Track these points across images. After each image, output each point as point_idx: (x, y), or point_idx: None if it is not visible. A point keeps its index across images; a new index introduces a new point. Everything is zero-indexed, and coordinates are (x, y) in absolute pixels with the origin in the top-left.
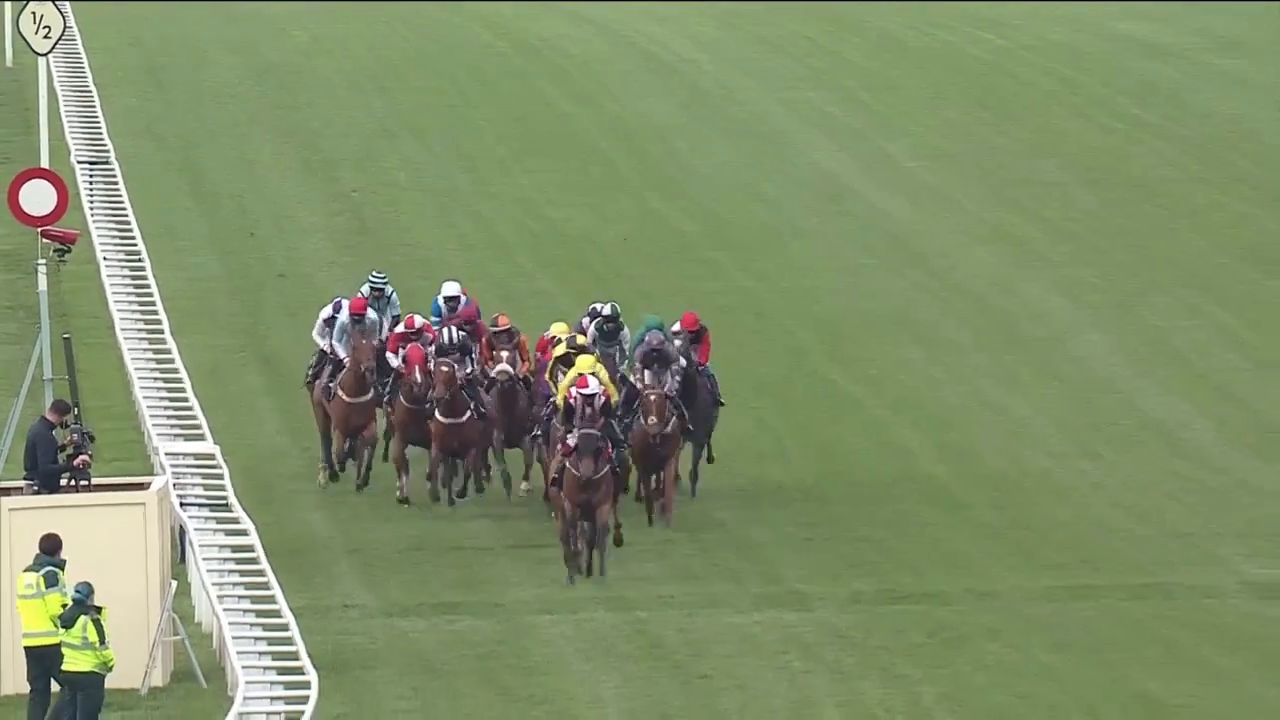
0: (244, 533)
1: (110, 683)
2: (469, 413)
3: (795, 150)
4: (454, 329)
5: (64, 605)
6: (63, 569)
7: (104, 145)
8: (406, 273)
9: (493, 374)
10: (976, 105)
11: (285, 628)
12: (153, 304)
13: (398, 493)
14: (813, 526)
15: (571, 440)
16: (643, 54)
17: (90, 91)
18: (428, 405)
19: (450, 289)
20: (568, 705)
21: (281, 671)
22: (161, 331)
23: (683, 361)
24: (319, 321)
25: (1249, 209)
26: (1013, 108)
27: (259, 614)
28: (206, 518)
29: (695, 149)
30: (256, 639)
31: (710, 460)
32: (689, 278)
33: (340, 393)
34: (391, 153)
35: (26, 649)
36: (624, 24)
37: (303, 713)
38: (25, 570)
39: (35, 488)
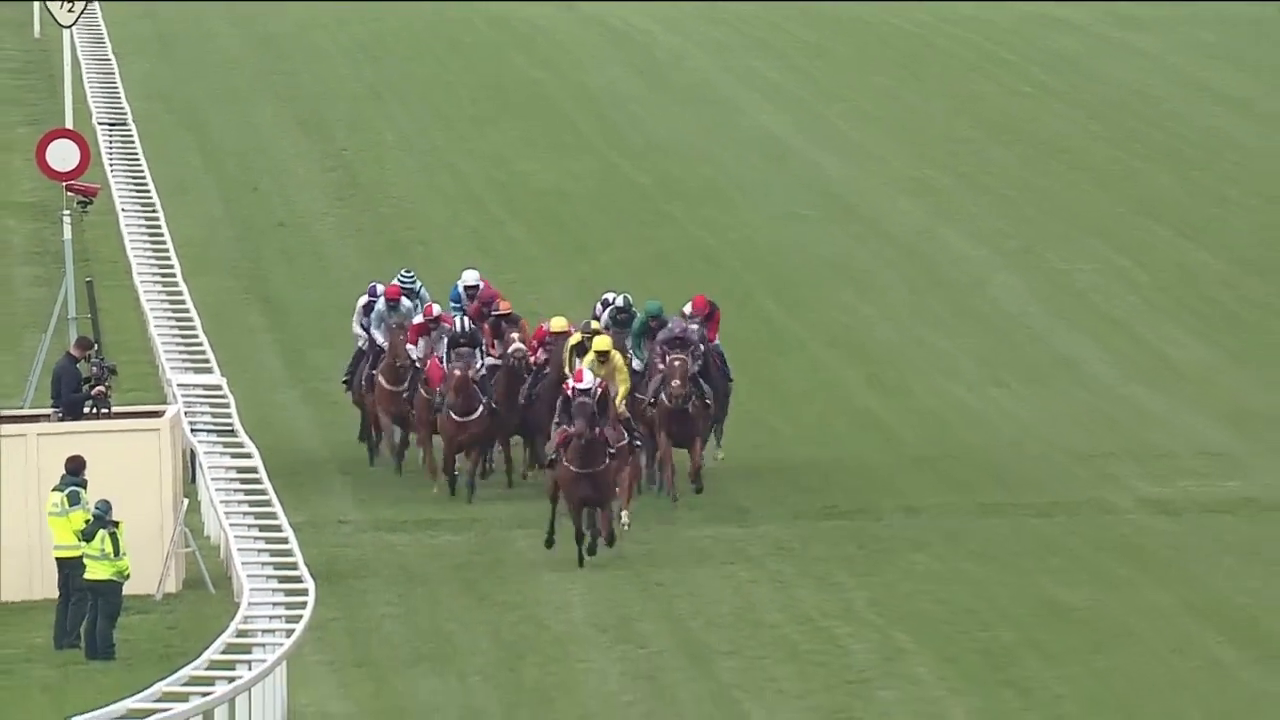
0: (248, 455)
1: (128, 589)
2: (480, 409)
3: (741, 113)
4: (466, 319)
5: (86, 521)
6: (85, 488)
7: (122, 108)
8: (393, 223)
9: (508, 351)
10: (903, 72)
11: (285, 541)
12: (166, 250)
13: (435, 490)
14: (758, 451)
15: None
16: (604, 27)
17: (109, 60)
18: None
19: (470, 277)
20: (537, 610)
21: (282, 580)
22: (174, 275)
23: (702, 346)
24: (356, 310)
25: (1143, 165)
26: (934, 75)
27: (262, 528)
28: (214, 442)
29: (651, 113)
30: (259, 550)
31: (719, 445)
32: (645, 225)
33: (381, 380)
34: (379, 115)
35: (56, 560)
36: (588, 1)
37: (301, 616)
38: (53, 490)
39: (60, 416)
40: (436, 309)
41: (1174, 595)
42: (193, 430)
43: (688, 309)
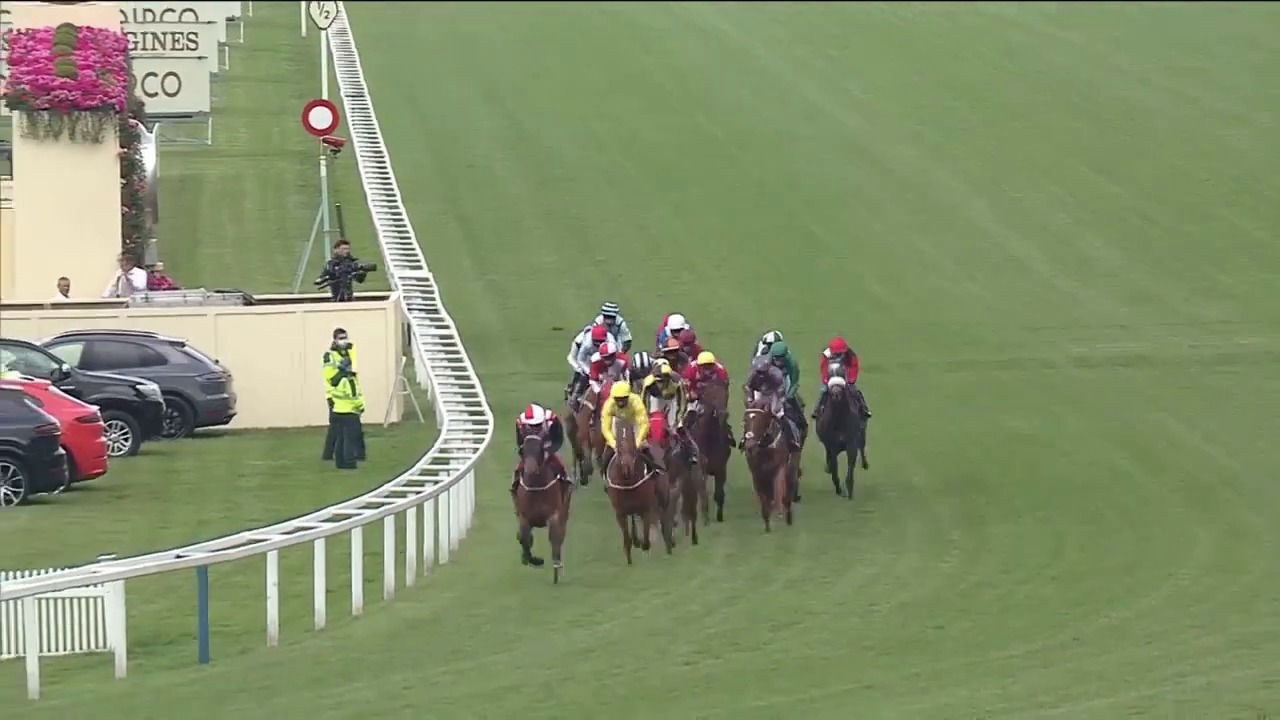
0: (447, 327)
1: (364, 420)
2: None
3: (787, 86)
4: (644, 354)
5: (336, 372)
6: (344, 351)
7: (360, 85)
8: (546, 165)
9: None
10: (904, 55)
11: (472, 386)
12: (390, 184)
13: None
14: (797, 322)
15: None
16: (690, 25)
17: (352, 51)
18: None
19: (675, 321)
20: None
21: (470, 413)
22: (396, 201)
23: (787, 383)
24: (573, 346)
25: (1074, 123)
26: (926, 58)
27: (456, 377)
28: (423, 318)
29: (722, 85)
30: (454, 393)
31: (865, 466)
32: (719, 165)
33: (589, 406)
34: (537, 88)
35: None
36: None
37: (483, 440)
38: (324, 354)
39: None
40: (611, 347)
41: (1092, 424)
42: (409, 309)
43: (828, 352)
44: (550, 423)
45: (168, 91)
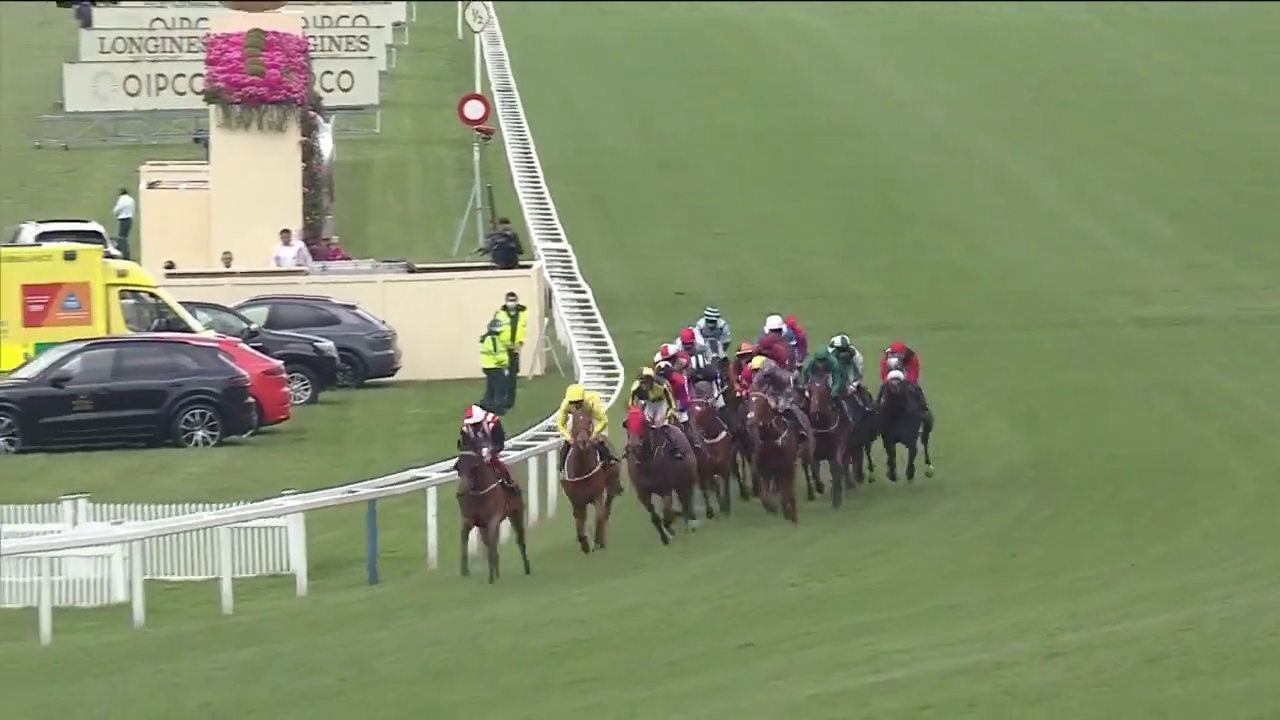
0: (583, 292)
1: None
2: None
3: (873, 81)
4: (702, 359)
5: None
6: (512, 312)
7: (508, 80)
8: (665, 151)
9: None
10: (982, 54)
11: (605, 343)
12: (533, 166)
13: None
14: (897, 285)
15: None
16: (786, 25)
17: (501, 50)
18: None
19: (773, 322)
20: None
21: (603, 366)
22: (539, 181)
23: (793, 385)
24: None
25: (1129, 118)
26: (1005, 58)
27: (591, 336)
28: (563, 284)
29: (814, 81)
30: (590, 349)
31: (927, 463)
32: (813, 153)
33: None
34: (653, 83)
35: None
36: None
37: (614, 389)
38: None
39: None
40: (672, 348)
41: (1147, 378)
42: (550, 276)
43: (890, 350)
44: (491, 425)
45: (342, 87)
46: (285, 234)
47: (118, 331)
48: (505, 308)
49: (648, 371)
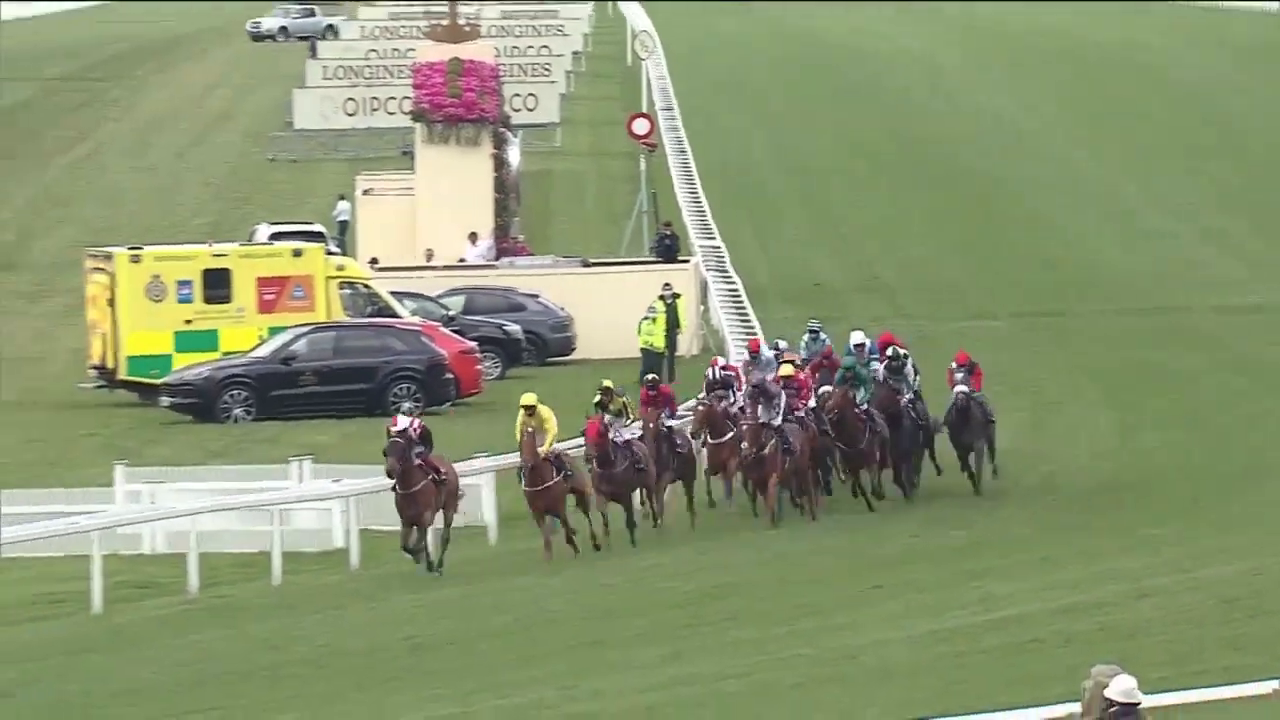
0: (733, 282)
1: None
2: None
3: (973, 97)
4: (718, 369)
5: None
6: (668, 300)
7: (670, 101)
8: (797, 160)
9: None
10: (1072, 72)
11: (752, 328)
12: (691, 174)
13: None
14: (980, 291)
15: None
16: (889, 43)
17: (664, 76)
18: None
19: (856, 337)
20: None
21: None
22: (696, 188)
23: (783, 398)
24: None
25: (1196, 125)
26: (1084, 73)
27: (740, 321)
28: (716, 276)
29: (929, 99)
30: (740, 333)
31: (994, 474)
32: (929, 164)
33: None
34: (773, 93)
35: None
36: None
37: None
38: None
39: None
40: (721, 360)
41: (1220, 358)
42: (705, 269)
43: (954, 364)
44: (418, 430)
45: (528, 107)
46: (472, 236)
47: (337, 317)
48: (661, 297)
49: (606, 384)
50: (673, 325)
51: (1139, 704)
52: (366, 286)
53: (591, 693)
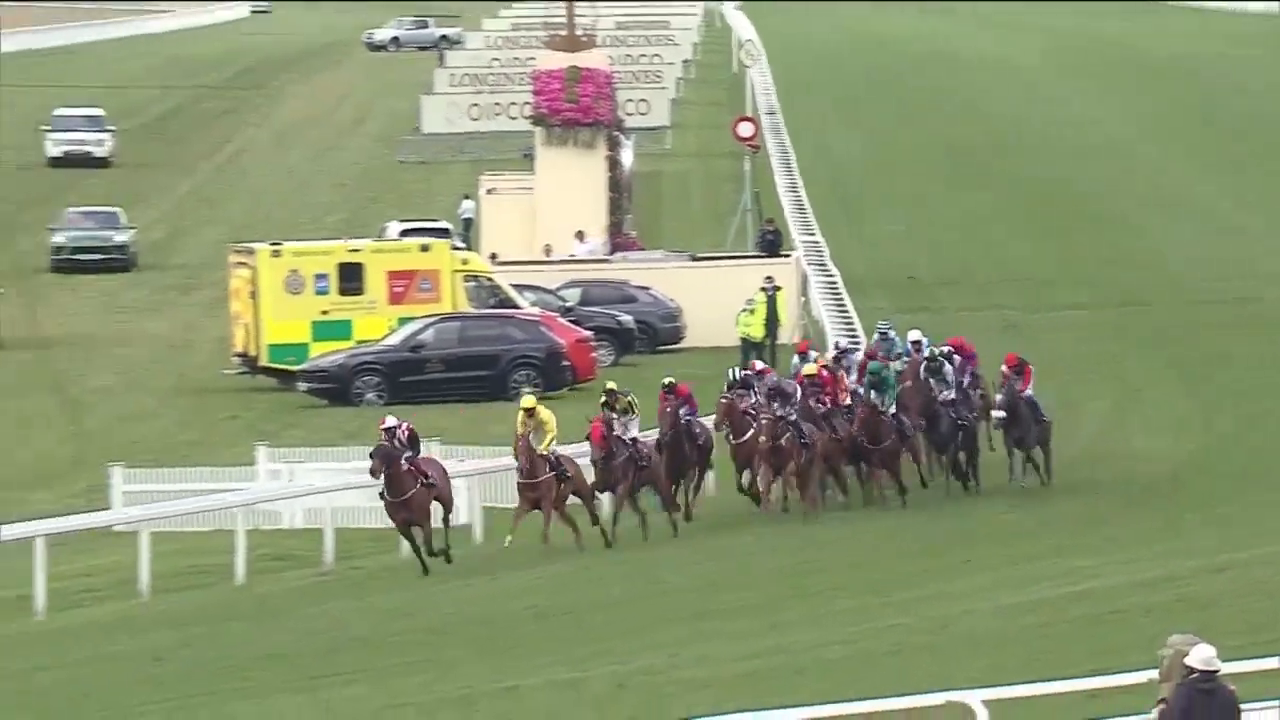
0: (833, 275)
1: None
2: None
3: (1047, 97)
4: (737, 370)
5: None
6: (769, 293)
7: (774, 105)
8: (885, 155)
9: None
10: (1152, 81)
11: (850, 318)
12: (793, 173)
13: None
14: (1065, 284)
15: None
16: (961, 42)
17: (769, 83)
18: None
19: (913, 335)
20: None
21: (848, 338)
22: (797, 187)
23: (799, 396)
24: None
25: (1236, 129)
26: (1163, 81)
27: (839, 311)
28: (816, 269)
29: (994, 101)
30: (839, 322)
31: (1047, 477)
32: (993, 162)
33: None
34: (845, 96)
35: None
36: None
37: (858, 348)
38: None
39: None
40: (760, 364)
41: (1247, 349)
42: (806, 263)
43: (1004, 368)
44: (406, 432)
45: (640, 112)
46: (580, 234)
47: (462, 309)
48: (762, 289)
49: (611, 385)
50: (773, 316)
51: (1218, 671)
52: (489, 279)
53: (697, 659)
